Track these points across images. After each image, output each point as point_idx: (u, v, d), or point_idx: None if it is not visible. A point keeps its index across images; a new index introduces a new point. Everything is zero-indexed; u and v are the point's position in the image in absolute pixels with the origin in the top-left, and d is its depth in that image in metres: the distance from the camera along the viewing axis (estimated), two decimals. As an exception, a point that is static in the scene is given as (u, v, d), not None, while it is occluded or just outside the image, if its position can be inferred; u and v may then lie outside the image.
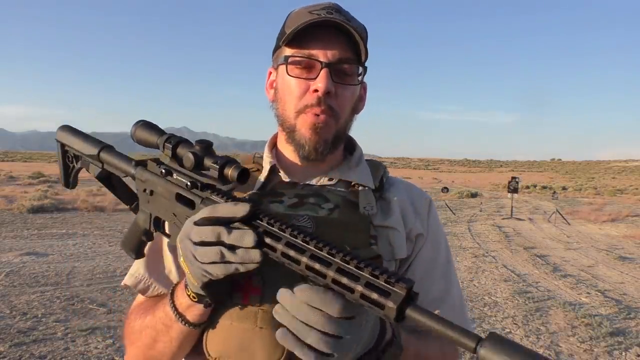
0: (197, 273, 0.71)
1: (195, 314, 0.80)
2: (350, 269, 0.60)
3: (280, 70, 0.94)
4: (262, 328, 0.80)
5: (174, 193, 0.78)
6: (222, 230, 0.67)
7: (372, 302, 0.58)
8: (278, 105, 0.96)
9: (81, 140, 0.93)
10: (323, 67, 0.87)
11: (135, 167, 0.85)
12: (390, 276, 0.58)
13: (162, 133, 0.79)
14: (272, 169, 0.97)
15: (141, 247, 0.91)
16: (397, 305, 0.56)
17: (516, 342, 0.50)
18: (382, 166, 1.03)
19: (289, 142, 0.95)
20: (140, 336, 0.88)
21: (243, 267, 0.67)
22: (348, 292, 0.59)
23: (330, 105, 0.89)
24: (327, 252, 0.61)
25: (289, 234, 0.64)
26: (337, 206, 0.91)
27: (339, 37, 0.89)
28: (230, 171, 0.70)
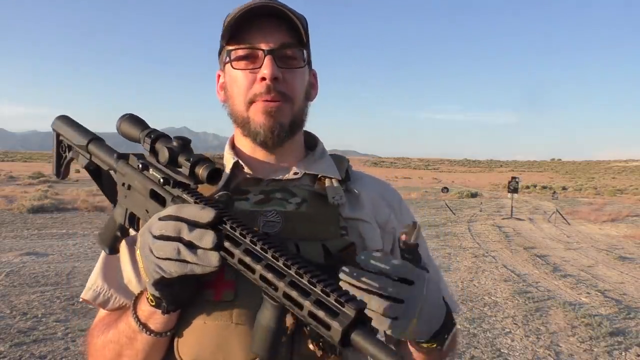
0: (150, 268, 0.68)
1: (158, 322, 0.77)
2: (303, 283, 0.57)
3: (227, 68, 0.92)
4: (239, 324, 0.77)
5: (148, 189, 0.77)
6: (184, 226, 0.65)
7: (318, 321, 0.55)
8: (229, 103, 0.94)
9: (74, 130, 0.92)
10: (266, 55, 0.86)
11: (117, 160, 0.84)
12: (342, 295, 0.54)
13: (145, 127, 0.77)
14: (235, 165, 0.94)
15: (116, 243, 0.88)
16: (343, 327, 0.52)
17: None
18: (346, 160, 1.01)
19: (246, 135, 0.93)
20: (103, 353, 0.84)
21: (199, 269, 0.64)
22: (296, 307, 0.57)
23: (280, 91, 0.87)
24: (283, 263, 0.59)
25: (249, 240, 0.62)
26: (305, 200, 0.89)
27: (277, 24, 0.88)
28: (201, 170, 0.69)
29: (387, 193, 1.02)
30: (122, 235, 0.87)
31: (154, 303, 0.74)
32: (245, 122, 0.91)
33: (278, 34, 0.88)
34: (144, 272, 0.70)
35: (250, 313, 0.76)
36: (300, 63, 0.91)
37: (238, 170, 0.94)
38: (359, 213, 0.93)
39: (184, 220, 0.66)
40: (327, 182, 0.93)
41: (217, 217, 0.64)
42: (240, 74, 0.89)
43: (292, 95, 0.89)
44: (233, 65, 0.90)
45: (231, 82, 0.92)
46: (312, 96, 0.98)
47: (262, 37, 0.88)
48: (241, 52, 0.89)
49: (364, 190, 0.97)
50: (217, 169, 0.70)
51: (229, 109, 0.95)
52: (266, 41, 0.87)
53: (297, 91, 0.91)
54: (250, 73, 0.88)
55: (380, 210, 0.97)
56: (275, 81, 0.87)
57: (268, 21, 0.88)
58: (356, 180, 0.99)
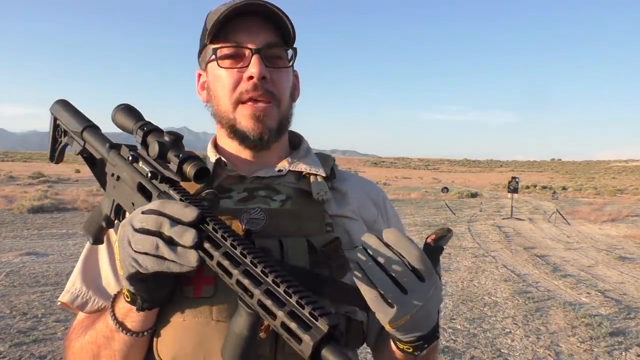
0: (126, 261, 0.66)
1: (135, 320, 0.75)
2: (279, 292, 0.56)
3: (210, 67, 0.90)
4: (219, 321, 0.75)
5: (136, 182, 0.75)
6: (165, 221, 0.63)
7: (290, 333, 0.54)
8: (213, 103, 0.91)
9: (70, 115, 0.91)
10: (254, 54, 0.84)
11: (109, 150, 0.82)
12: (316, 309, 0.53)
13: (140, 119, 0.77)
14: (217, 162, 0.91)
15: (100, 233, 0.87)
16: (314, 342, 0.51)
17: None
18: (331, 158, 1.00)
19: (232, 137, 0.91)
20: (81, 355, 0.82)
21: (177, 267, 0.63)
22: (269, 317, 0.56)
23: (268, 89, 0.86)
24: (261, 270, 0.58)
25: (229, 244, 0.61)
26: (289, 197, 0.88)
27: (263, 22, 0.86)
28: (188, 168, 0.69)
29: (372, 192, 1.01)
30: (108, 226, 0.85)
31: (130, 299, 0.72)
32: (231, 124, 0.89)
33: (265, 32, 0.87)
34: (120, 265, 0.69)
35: (230, 309, 0.75)
36: (286, 63, 0.90)
37: (220, 168, 0.92)
38: (344, 210, 0.92)
39: (167, 216, 0.64)
40: (312, 179, 0.91)
41: (200, 216, 0.63)
42: (225, 73, 0.87)
43: (279, 95, 0.88)
44: (219, 63, 0.87)
45: (215, 81, 0.89)
46: (296, 97, 0.97)
47: (248, 36, 0.86)
48: (227, 50, 0.87)
49: (350, 188, 0.96)
50: (205, 168, 0.69)
51: (212, 110, 0.93)
52: (253, 40, 0.86)
53: (283, 91, 0.89)
54: (237, 72, 0.86)
55: (367, 208, 0.96)
56: (263, 80, 0.85)
57: (254, 20, 0.86)
58: (342, 179, 0.98)
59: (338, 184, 0.96)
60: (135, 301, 0.72)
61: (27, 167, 38.29)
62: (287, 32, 0.87)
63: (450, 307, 5.40)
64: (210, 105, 0.93)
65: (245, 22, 0.86)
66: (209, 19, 0.88)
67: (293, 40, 0.89)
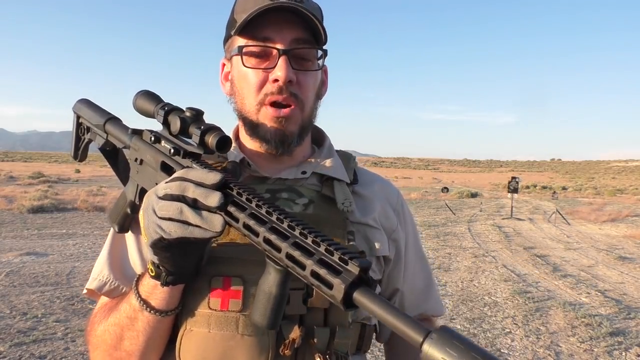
0: (150, 227, 0.65)
1: (159, 298, 0.74)
2: (307, 243, 0.55)
3: (235, 61, 0.87)
4: (245, 335, 0.75)
5: (159, 161, 0.75)
6: (189, 185, 0.63)
7: (320, 280, 0.52)
8: (236, 99, 0.89)
9: (92, 110, 0.92)
10: (281, 55, 0.82)
11: (132, 135, 0.83)
12: (346, 254, 0.52)
13: (160, 102, 0.77)
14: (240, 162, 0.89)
15: (125, 220, 0.87)
16: (346, 285, 0.50)
17: (469, 339, 0.44)
18: (353, 158, 0.99)
19: (254, 138, 0.89)
20: (104, 337, 0.80)
21: (200, 233, 0.62)
22: (299, 268, 0.55)
23: (293, 92, 0.84)
24: (288, 225, 0.57)
25: (255, 205, 0.60)
26: (312, 201, 0.87)
27: (294, 20, 0.82)
28: (210, 138, 0.68)
29: (392, 197, 1.00)
30: (133, 212, 0.84)
31: (154, 273, 0.71)
32: (254, 126, 0.87)
33: (293, 29, 0.83)
34: (144, 233, 0.68)
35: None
36: (314, 65, 0.87)
37: (243, 167, 0.90)
38: (367, 218, 0.91)
39: (191, 180, 0.64)
40: (336, 184, 0.90)
41: (223, 180, 0.63)
42: (251, 72, 0.85)
43: (303, 99, 0.86)
44: (244, 61, 0.85)
45: (240, 78, 0.87)
46: (322, 94, 0.94)
47: (276, 33, 0.83)
48: (254, 48, 0.84)
49: (372, 194, 0.95)
50: (227, 137, 0.69)
51: (235, 105, 0.90)
52: (281, 37, 0.82)
53: (309, 94, 0.87)
54: (263, 72, 0.84)
55: (388, 216, 0.95)
56: (289, 84, 0.83)
57: (283, 15, 0.82)
58: (364, 183, 0.96)
59: (360, 189, 0.95)
60: (160, 275, 0.71)
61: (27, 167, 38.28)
62: (317, 31, 0.84)
63: (450, 307, 5.40)
64: (233, 99, 0.91)
65: (275, 16, 0.82)
66: (237, 8, 0.86)
67: (324, 41, 0.86)
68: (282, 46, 0.82)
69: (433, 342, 0.44)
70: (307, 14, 0.81)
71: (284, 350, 0.75)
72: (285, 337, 0.76)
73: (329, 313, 0.79)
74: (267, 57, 0.84)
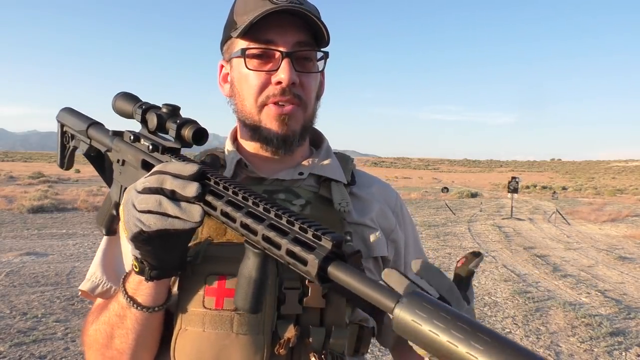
0: (130, 221, 0.65)
1: (146, 293, 0.74)
2: (282, 223, 0.56)
3: (235, 63, 0.87)
4: (240, 334, 0.75)
5: (140, 160, 0.76)
6: (167, 177, 0.63)
7: (295, 258, 0.53)
8: (236, 101, 0.89)
9: (75, 117, 0.93)
10: (284, 57, 0.81)
11: (113, 138, 0.83)
12: (319, 230, 0.53)
13: (138, 101, 0.77)
14: (238, 163, 0.90)
15: (112, 222, 0.87)
16: (319, 259, 0.50)
17: (438, 301, 0.45)
18: (351, 160, 0.98)
19: (254, 139, 0.89)
20: (95, 336, 0.80)
21: (180, 224, 0.62)
22: (275, 249, 0.55)
23: (296, 94, 0.84)
24: (263, 208, 0.58)
25: (231, 192, 0.61)
26: (309, 202, 0.87)
27: (296, 22, 0.83)
28: (186, 131, 0.69)
29: (390, 198, 1.00)
30: (118, 213, 0.84)
31: (138, 269, 0.71)
32: (255, 127, 0.87)
33: (296, 31, 0.83)
34: (124, 227, 0.68)
35: (252, 323, 0.75)
36: (316, 66, 0.88)
37: (240, 168, 0.91)
38: (364, 218, 0.91)
39: (168, 173, 0.64)
40: (333, 185, 0.90)
41: (200, 170, 0.63)
42: (253, 74, 0.84)
43: (306, 99, 0.86)
44: (247, 63, 0.84)
45: (241, 80, 0.87)
46: (321, 94, 0.95)
47: (279, 35, 0.82)
48: (256, 51, 0.84)
49: (370, 196, 0.95)
50: (203, 129, 0.70)
51: (235, 107, 0.90)
52: (284, 40, 0.82)
53: (311, 95, 0.88)
54: (265, 74, 0.84)
55: (386, 216, 0.95)
56: (292, 86, 0.83)
57: (286, 18, 0.82)
58: (362, 185, 0.97)
59: (358, 190, 0.94)
60: (144, 270, 0.70)
61: (27, 167, 38.28)
62: (319, 32, 0.84)
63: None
64: (233, 101, 0.91)
65: (277, 19, 0.82)
66: (237, 9, 0.85)
67: (326, 43, 0.86)
68: (285, 49, 0.82)
69: (403, 305, 0.44)
70: (310, 16, 0.81)
71: (279, 350, 0.75)
72: (280, 337, 0.76)
73: (325, 313, 0.79)
74: (270, 60, 0.84)
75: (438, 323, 0.41)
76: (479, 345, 0.39)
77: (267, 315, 0.76)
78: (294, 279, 0.78)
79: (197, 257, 0.78)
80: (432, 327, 0.42)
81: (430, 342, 0.42)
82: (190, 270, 0.78)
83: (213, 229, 0.82)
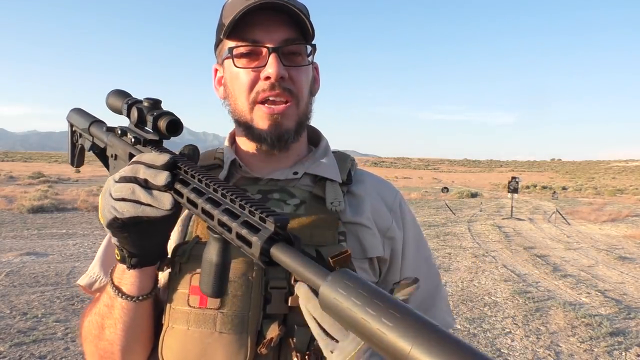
0: (106, 208, 0.68)
1: (129, 282, 0.76)
2: (235, 208, 0.58)
3: (226, 64, 0.89)
4: (223, 332, 0.76)
5: (127, 152, 0.79)
6: (141, 167, 0.66)
7: (243, 240, 0.55)
8: (230, 101, 0.90)
9: (81, 117, 0.96)
10: (271, 53, 0.82)
11: (107, 133, 0.86)
12: (264, 212, 0.54)
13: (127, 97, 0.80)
14: (232, 163, 0.91)
15: None
16: (262, 241, 0.52)
17: (360, 278, 0.46)
18: (350, 158, 0.98)
19: (249, 138, 0.90)
20: (89, 328, 0.83)
21: (152, 211, 0.65)
22: (227, 232, 0.57)
23: (286, 87, 0.84)
24: (221, 194, 0.60)
25: (197, 179, 0.64)
26: (303, 202, 0.87)
27: (281, 18, 0.84)
28: (161, 123, 0.72)
29: (388, 196, 0.98)
30: None
31: (119, 257, 0.74)
32: (248, 125, 0.88)
33: (282, 28, 0.84)
34: (101, 215, 0.71)
35: (235, 322, 0.76)
36: (305, 59, 0.88)
37: (235, 169, 0.91)
38: (359, 218, 0.90)
39: (142, 163, 0.67)
40: (328, 184, 0.90)
41: (172, 160, 0.66)
42: (242, 72, 0.86)
43: (298, 93, 0.86)
44: (235, 62, 0.86)
45: (232, 79, 0.88)
46: (315, 90, 0.95)
47: (265, 33, 0.84)
48: (243, 49, 0.85)
49: (365, 193, 0.94)
50: (177, 119, 0.72)
51: (229, 107, 0.91)
52: (270, 37, 0.83)
53: (302, 88, 0.88)
54: (253, 71, 0.85)
55: (381, 214, 0.94)
56: (281, 80, 0.83)
57: (272, 14, 0.83)
58: (358, 182, 0.96)
59: (354, 189, 0.94)
60: (124, 258, 0.73)
61: (27, 167, 38.27)
62: (305, 27, 0.85)
63: (451, 307, 5.40)
64: (228, 102, 0.92)
65: (262, 17, 0.83)
66: (225, 13, 0.86)
67: (312, 36, 0.87)
68: (271, 44, 0.83)
69: (327, 283, 0.45)
70: (294, 10, 0.82)
71: (261, 349, 0.75)
72: (265, 337, 0.76)
73: None
74: (258, 57, 0.85)
75: (355, 300, 0.43)
76: (388, 321, 0.40)
77: (252, 314, 0.76)
78: (280, 279, 0.78)
79: (184, 255, 0.80)
80: (349, 304, 0.43)
81: (347, 318, 0.43)
82: (178, 269, 0.80)
83: (205, 229, 0.83)
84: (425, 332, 0.39)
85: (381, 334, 0.40)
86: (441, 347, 0.37)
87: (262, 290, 0.78)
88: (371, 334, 0.41)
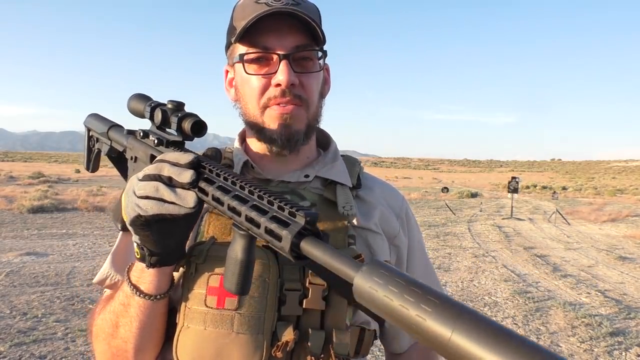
0: (129, 206, 0.69)
1: (148, 281, 0.76)
2: (263, 204, 0.58)
3: (237, 68, 0.89)
4: (239, 333, 0.76)
5: (148, 154, 0.79)
6: (165, 164, 0.67)
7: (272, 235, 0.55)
8: (241, 104, 0.91)
9: (98, 121, 0.98)
10: (282, 59, 0.83)
11: (127, 136, 0.87)
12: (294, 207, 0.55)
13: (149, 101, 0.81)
14: (244, 164, 0.92)
15: None
16: (292, 235, 0.52)
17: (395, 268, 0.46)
18: (358, 162, 0.99)
19: (260, 140, 0.91)
20: (102, 326, 0.83)
21: (176, 209, 0.65)
22: (255, 228, 0.57)
23: (296, 94, 0.85)
24: (248, 190, 0.60)
25: (222, 178, 0.64)
26: (314, 204, 0.88)
27: (292, 23, 0.84)
28: (186, 124, 0.73)
29: (396, 203, 1.00)
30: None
31: (139, 256, 0.74)
32: (259, 128, 0.89)
33: (293, 35, 0.84)
34: (124, 213, 0.71)
35: (252, 322, 0.76)
36: (315, 65, 0.88)
37: (247, 169, 0.93)
38: (368, 223, 0.91)
39: (167, 161, 0.68)
40: (338, 188, 0.91)
41: (196, 159, 0.67)
42: (253, 78, 0.86)
43: (308, 99, 0.87)
44: (246, 68, 0.86)
45: (243, 83, 0.89)
46: (326, 92, 0.96)
47: (277, 39, 0.84)
48: (254, 55, 0.85)
49: (375, 199, 0.96)
50: (201, 121, 0.73)
51: (240, 110, 0.92)
52: (281, 44, 0.84)
53: (313, 94, 0.88)
54: (264, 77, 0.85)
55: (389, 221, 0.96)
56: (292, 87, 0.84)
57: (281, 21, 0.84)
58: (367, 188, 0.97)
59: (363, 194, 0.95)
60: (144, 257, 0.73)
61: (27, 167, 38.28)
62: (316, 32, 0.85)
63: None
64: (238, 105, 0.93)
65: (273, 23, 0.83)
66: (236, 15, 0.87)
67: (323, 41, 0.87)
68: (282, 51, 0.84)
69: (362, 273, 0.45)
70: (305, 17, 0.82)
71: (276, 352, 0.76)
72: (279, 338, 0.77)
73: (325, 316, 0.79)
74: (268, 62, 0.86)
75: (392, 288, 0.43)
76: (428, 307, 0.40)
77: (268, 315, 0.77)
78: (295, 281, 0.79)
79: (200, 256, 0.80)
80: (386, 292, 0.43)
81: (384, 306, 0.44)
82: (194, 269, 0.80)
83: (218, 229, 0.84)
84: (466, 317, 0.39)
85: (420, 320, 0.40)
86: (482, 332, 0.37)
87: (277, 292, 0.78)
88: (410, 320, 0.41)
